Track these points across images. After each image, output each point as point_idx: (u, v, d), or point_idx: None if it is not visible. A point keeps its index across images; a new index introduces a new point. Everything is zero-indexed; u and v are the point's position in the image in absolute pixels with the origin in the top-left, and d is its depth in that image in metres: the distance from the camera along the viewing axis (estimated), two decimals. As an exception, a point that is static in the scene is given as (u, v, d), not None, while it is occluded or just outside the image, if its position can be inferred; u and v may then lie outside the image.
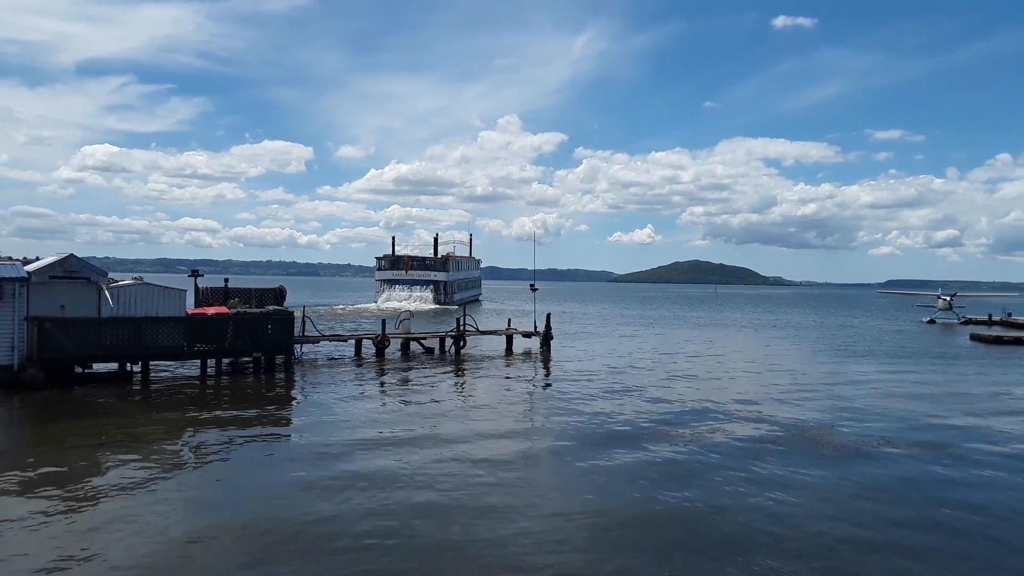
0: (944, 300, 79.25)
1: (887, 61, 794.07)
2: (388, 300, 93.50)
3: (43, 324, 25.17)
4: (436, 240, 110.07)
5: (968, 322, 73.40)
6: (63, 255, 27.12)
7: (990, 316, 75.21)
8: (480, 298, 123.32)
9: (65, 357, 25.64)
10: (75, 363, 26.35)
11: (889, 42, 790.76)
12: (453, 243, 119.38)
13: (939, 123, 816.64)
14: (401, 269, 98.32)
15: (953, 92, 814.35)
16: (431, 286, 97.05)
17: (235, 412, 22.17)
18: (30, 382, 24.54)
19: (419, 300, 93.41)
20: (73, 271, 26.56)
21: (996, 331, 61.89)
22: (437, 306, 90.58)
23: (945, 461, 17.51)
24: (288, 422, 21.61)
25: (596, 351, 43.47)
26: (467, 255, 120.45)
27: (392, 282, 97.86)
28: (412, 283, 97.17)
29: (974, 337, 56.48)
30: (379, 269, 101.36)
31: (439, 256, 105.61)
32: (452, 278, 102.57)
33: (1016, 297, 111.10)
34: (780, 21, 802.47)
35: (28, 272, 25.62)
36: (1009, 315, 75.43)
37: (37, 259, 28.09)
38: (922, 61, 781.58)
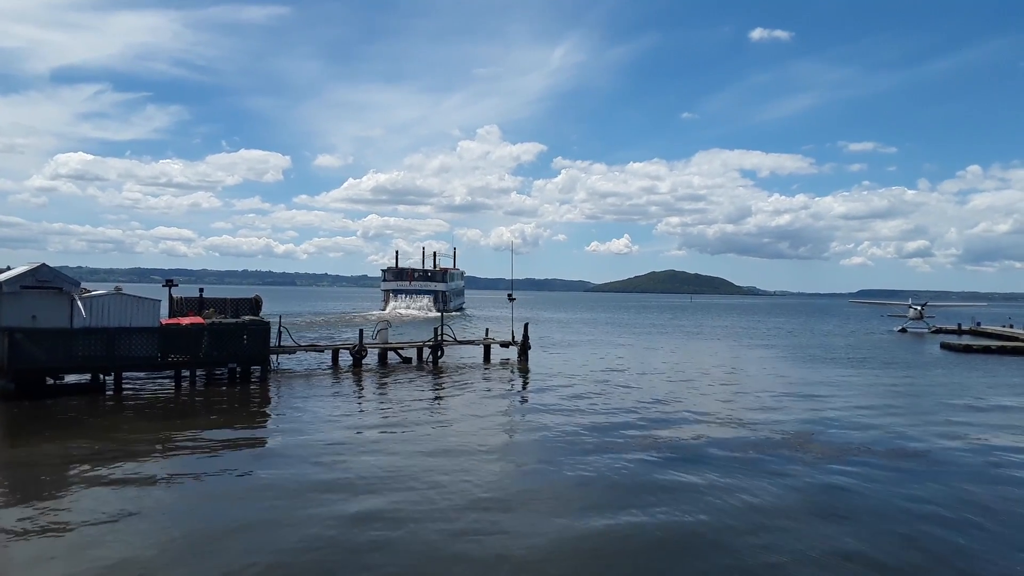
0: (915, 310, 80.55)
1: (861, 74, 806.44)
2: (394, 308, 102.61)
3: (14, 334, 24.71)
4: (435, 254, 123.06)
5: (938, 331, 74.62)
6: (35, 264, 26.65)
7: (959, 325, 76.66)
8: (464, 306, 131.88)
9: (36, 368, 25.19)
10: (46, 374, 25.88)
11: (863, 55, 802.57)
12: (438, 254, 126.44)
13: (911, 135, 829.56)
14: (405, 280, 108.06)
15: (925, 105, 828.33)
16: (431, 295, 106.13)
17: (208, 427, 21.67)
18: (0, 394, 24.07)
19: (421, 308, 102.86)
20: (45, 281, 26.13)
21: (965, 340, 62.96)
22: (437, 313, 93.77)
23: (921, 469, 17.77)
24: (262, 441, 20.69)
25: (574, 360, 43.51)
26: (451, 266, 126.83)
27: (397, 292, 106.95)
28: (415, 292, 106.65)
29: (944, 346, 57.49)
30: (384, 280, 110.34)
31: (437, 268, 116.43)
32: (449, 288, 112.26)
33: (984, 307, 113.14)
34: (757, 33, 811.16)
35: (-2, 282, 25.18)
36: (978, 324, 76.89)
37: (8, 268, 27.62)
38: (895, 74, 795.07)
